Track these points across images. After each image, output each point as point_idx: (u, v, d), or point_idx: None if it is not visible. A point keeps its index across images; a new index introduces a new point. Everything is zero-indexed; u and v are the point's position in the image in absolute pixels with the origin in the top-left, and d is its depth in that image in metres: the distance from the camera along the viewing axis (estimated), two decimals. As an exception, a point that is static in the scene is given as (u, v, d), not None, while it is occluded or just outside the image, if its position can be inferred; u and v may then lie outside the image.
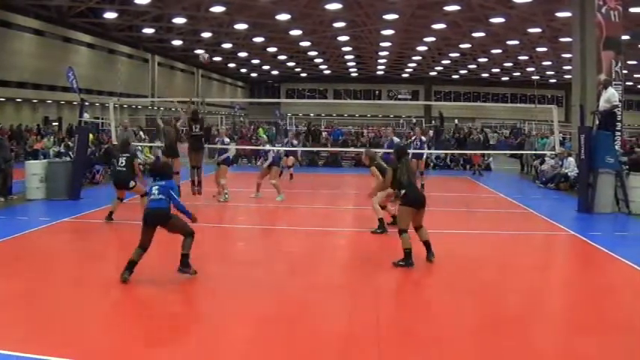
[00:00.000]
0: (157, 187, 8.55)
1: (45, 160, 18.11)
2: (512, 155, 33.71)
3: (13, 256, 10.09)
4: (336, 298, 8.06)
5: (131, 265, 8.34)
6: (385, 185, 10.58)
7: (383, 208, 12.36)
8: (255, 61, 63.90)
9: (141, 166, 17.87)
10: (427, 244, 9.83)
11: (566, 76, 55.74)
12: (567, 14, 30.03)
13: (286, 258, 10.51)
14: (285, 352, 6.16)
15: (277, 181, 16.59)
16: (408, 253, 9.50)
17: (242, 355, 6.16)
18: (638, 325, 7.14)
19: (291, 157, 22.39)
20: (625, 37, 25.18)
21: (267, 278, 8.94)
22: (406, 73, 72.13)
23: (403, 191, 9.69)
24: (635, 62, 48.80)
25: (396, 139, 18.05)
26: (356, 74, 74.40)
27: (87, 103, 19.66)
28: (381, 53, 56.91)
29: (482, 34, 43.53)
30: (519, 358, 6.17)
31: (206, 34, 46.48)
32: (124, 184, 13.00)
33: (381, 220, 12.19)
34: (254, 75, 77.30)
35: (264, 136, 30.97)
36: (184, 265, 8.57)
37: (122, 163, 13.03)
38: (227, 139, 17.56)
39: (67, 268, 9.59)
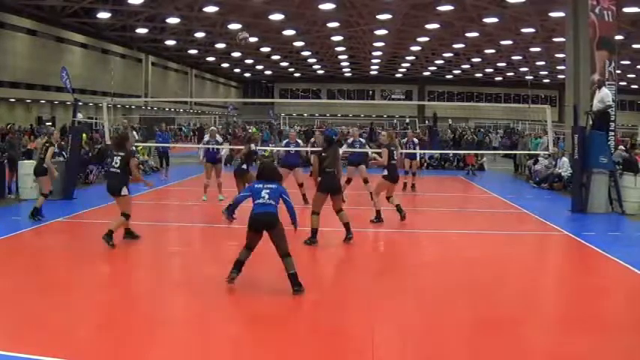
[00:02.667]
0: (267, 190, 8.11)
1: (39, 160, 18.03)
2: (505, 155, 33.74)
3: (6, 255, 10.05)
4: (330, 298, 8.05)
5: (239, 265, 8.17)
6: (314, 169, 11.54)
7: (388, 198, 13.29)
8: (249, 61, 63.84)
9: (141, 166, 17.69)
10: (347, 226, 11.20)
11: (559, 76, 55.89)
12: (561, 14, 30.10)
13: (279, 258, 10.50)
14: (281, 353, 6.15)
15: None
16: (314, 231, 10.92)
17: (236, 355, 6.15)
18: (632, 325, 7.16)
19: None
20: (619, 37, 25.27)
21: (260, 278, 8.92)
22: (400, 73, 72.17)
23: (320, 178, 11.02)
24: (628, 62, 48.95)
25: (362, 140, 18.08)
26: (349, 74, 74.44)
27: (80, 103, 19.61)
28: (375, 53, 56.93)
29: (475, 34, 43.59)
30: (513, 358, 6.17)
31: (199, 34, 46.42)
32: (115, 190, 10.79)
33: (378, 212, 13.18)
34: (247, 75, 77.26)
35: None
36: (296, 283, 7.89)
37: (116, 163, 10.87)
38: (220, 139, 17.67)
39: (60, 268, 9.54)
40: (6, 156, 16.78)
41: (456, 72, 68.80)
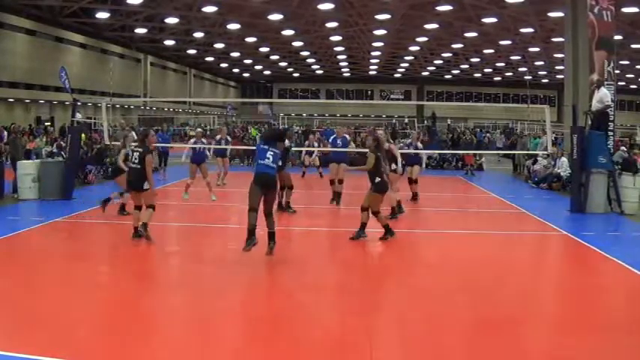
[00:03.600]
0: (271, 153, 9.22)
1: (37, 160, 18.03)
2: (504, 155, 33.74)
3: (5, 255, 10.05)
4: (329, 298, 8.06)
5: (252, 230, 9.22)
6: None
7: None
8: (248, 61, 63.84)
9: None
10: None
11: (558, 76, 55.90)
12: (560, 14, 30.12)
13: (278, 258, 10.50)
14: (280, 353, 6.15)
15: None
16: (363, 225, 11.23)
17: (235, 355, 6.15)
18: (631, 325, 7.16)
19: (315, 157, 22.58)
20: (618, 37, 25.28)
21: (259, 278, 8.92)
22: (398, 73, 72.19)
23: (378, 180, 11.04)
24: (627, 62, 48.98)
25: (347, 137, 18.30)
26: (348, 74, 74.43)
27: (79, 103, 19.61)
28: (374, 53, 56.94)
29: (474, 34, 43.62)
30: (513, 358, 6.18)
31: (198, 34, 46.42)
32: (138, 185, 11.12)
33: (392, 208, 13.17)
34: (246, 75, 77.23)
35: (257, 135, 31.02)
36: (271, 240, 9.57)
37: (136, 159, 11.21)
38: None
39: (59, 268, 9.53)
40: (8, 155, 16.79)
41: (455, 72, 68.83)
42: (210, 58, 60.78)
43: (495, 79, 72.22)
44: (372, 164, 11.07)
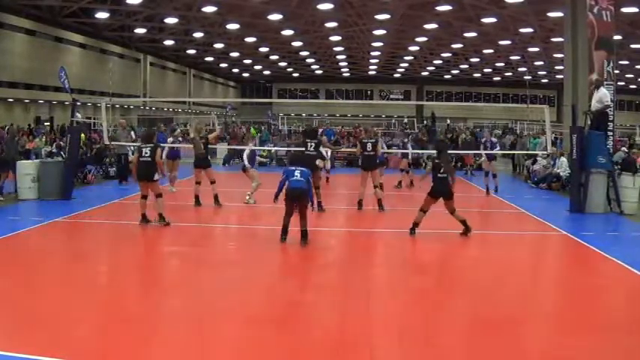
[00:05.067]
0: (299, 171, 10.83)
1: (37, 160, 18.04)
2: (504, 155, 33.70)
3: (5, 255, 10.06)
4: (328, 298, 8.06)
5: (285, 229, 10.88)
6: None
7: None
8: (247, 61, 63.82)
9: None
10: (464, 223, 12.07)
11: (558, 76, 55.86)
12: (559, 14, 30.10)
13: (278, 258, 10.51)
14: (279, 353, 6.15)
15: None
16: (415, 224, 12.09)
17: (235, 355, 6.15)
18: (631, 325, 7.17)
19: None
20: (617, 37, 25.28)
21: (258, 278, 8.92)
22: (398, 73, 72.14)
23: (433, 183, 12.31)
24: (627, 62, 48.98)
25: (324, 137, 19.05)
26: (348, 74, 74.38)
27: (79, 103, 19.59)
28: (373, 53, 56.90)
29: (474, 34, 43.57)
30: (511, 358, 6.18)
31: (198, 34, 46.41)
32: (147, 176, 12.70)
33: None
34: (246, 75, 77.21)
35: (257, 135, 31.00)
36: (304, 237, 10.83)
37: (147, 153, 12.69)
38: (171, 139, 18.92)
39: (58, 268, 9.54)
40: (3, 156, 16.76)
41: (455, 72, 68.79)
42: (209, 58, 60.74)
43: (495, 79, 72.17)
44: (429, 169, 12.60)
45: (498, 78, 71.36)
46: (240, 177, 17.42)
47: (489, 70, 65.58)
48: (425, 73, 70.68)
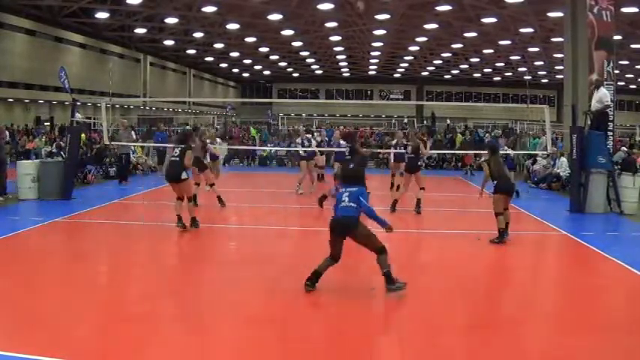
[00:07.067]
0: (347, 193, 8.04)
1: (37, 160, 18.05)
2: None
3: (4, 255, 10.06)
4: (328, 298, 8.05)
5: (316, 276, 7.97)
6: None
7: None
8: (247, 61, 63.82)
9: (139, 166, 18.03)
10: (505, 226, 11.51)
11: (558, 76, 55.86)
12: (559, 14, 30.10)
13: (279, 259, 10.50)
14: (278, 353, 6.15)
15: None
16: (501, 231, 11.43)
17: (234, 355, 6.15)
18: (631, 325, 7.17)
19: (322, 157, 22.49)
20: (617, 37, 25.29)
21: (257, 278, 8.92)
22: (398, 73, 72.12)
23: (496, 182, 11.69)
24: (626, 62, 48.98)
25: (316, 139, 19.32)
26: (348, 74, 74.38)
27: (79, 103, 19.59)
28: (373, 53, 56.90)
29: (474, 34, 43.56)
30: (511, 358, 6.18)
31: (198, 34, 46.42)
32: (175, 176, 12.10)
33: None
34: (246, 75, 77.21)
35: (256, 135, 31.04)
36: (390, 282, 7.86)
37: (176, 153, 12.22)
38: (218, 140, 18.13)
39: (58, 268, 9.54)
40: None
41: (455, 72, 68.78)
42: (209, 58, 60.73)
43: (495, 79, 72.16)
44: (488, 171, 11.81)
45: (498, 78, 71.35)
46: (240, 177, 17.42)
47: (489, 70, 65.56)
48: (425, 73, 70.66)
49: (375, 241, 7.85)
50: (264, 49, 54.85)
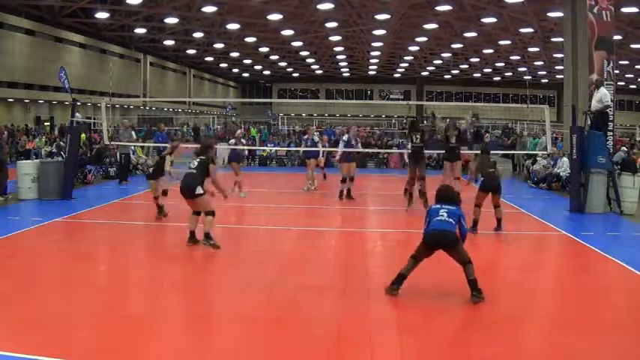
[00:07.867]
0: (445, 210, 8.19)
1: (37, 160, 18.03)
2: (504, 155, 33.67)
3: (4, 255, 10.04)
4: (327, 298, 8.05)
5: (401, 279, 8.11)
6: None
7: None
8: (247, 61, 63.84)
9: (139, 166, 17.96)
10: (499, 221, 13.02)
11: (558, 76, 55.92)
12: (559, 14, 30.13)
13: (279, 258, 10.49)
14: (278, 353, 6.15)
15: (240, 178, 17.64)
16: (475, 222, 12.64)
17: (234, 355, 6.15)
18: (631, 326, 7.17)
19: (322, 158, 22.48)
20: (617, 37, 25.30)
21: (257, 278, 8.91)
22: (398, 73, 72.25)
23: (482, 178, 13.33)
24: (626, 62, 49.01)
25: (316, 139, 19.03)
26: (348, 74, 74.52)
27: (79, 103, 19.58)
28: (373, 53, 56.97)
29: (473, 34, 43.62)
30: (511, 358, 6.18)
31: (198, 34, 46.44)
32: (188, 192, 10.54)
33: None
34: (246, 75, 77.26)
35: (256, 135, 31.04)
36: (474, 290, 7.89)
37: (193, 164, 10.74)
38: (233, 140, 18.58)
39: (58, 268, 9.54)
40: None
41: (455, 72, 68.89)
42: (209, 58, 60.79)
43: (495, 79, 72.27)
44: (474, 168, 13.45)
45: (498, 78, 71.44)
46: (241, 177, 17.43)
47: (489, 70, 65.63)
48: (425, 73, 70.78)
49: (466, 255, 8.11)
50: (264, 49, 54.91)
